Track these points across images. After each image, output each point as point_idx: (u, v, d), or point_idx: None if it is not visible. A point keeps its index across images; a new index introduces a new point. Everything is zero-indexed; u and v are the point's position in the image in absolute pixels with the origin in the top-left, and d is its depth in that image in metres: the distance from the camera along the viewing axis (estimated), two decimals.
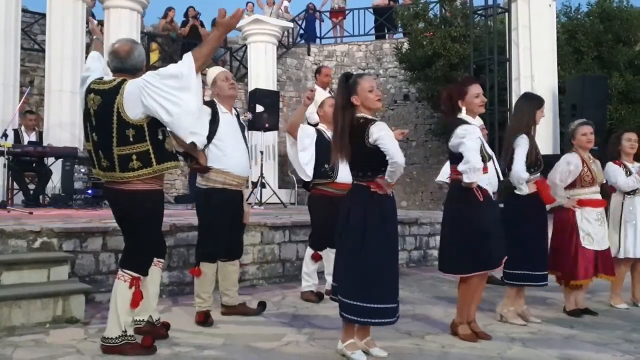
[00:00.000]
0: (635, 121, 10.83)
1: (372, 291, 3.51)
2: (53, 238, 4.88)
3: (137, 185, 3.56)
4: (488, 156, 4.13)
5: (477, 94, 4.19)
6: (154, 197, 3.66)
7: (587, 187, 4.99)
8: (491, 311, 4.94)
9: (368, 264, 3.52)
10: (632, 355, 3.80)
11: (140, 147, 3.51)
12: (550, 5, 10.07)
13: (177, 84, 3.42)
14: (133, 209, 3.62)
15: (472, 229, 4.03)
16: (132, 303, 3.61)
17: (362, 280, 3.52)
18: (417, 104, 15.19)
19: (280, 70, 14.54)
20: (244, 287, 5.82)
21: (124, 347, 3.59)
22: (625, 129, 5.80)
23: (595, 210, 5.00)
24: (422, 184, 14.96)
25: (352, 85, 3.64)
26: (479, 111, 4.25)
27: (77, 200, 8.28)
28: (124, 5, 10.85)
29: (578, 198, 4.99)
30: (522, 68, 9.84)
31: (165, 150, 3.61)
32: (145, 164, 3.52)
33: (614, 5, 11.80)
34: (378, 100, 3.67)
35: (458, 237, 4.11)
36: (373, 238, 3.54)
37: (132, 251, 3.70)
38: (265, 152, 11.05)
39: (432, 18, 13.74)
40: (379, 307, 3.52)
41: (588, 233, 4.93)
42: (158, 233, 3.82)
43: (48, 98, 9.89)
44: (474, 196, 4.02)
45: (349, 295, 3.55)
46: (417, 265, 7.88)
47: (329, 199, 5.06)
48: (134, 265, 3.64)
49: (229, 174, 4.45)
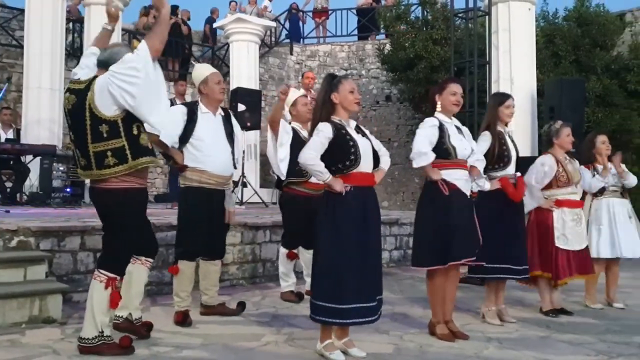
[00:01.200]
0: (611, 124, 10.97)
1: (329, 291, 3.53)
2: (30, 237, 4.83)
3: (115, 184, 3.54)
4: (453, 149, 4.13)
5: (453, 92, 4.23)
6: (133, 195, 3.63)
7: (563, 188, 5.06)
8: (469, 311, 5.00)
9: (324, 263, 3.57)
10: (606, 355, 3.87)
11: (115, 143, 3.50)
12: (529, 9, 10.16)
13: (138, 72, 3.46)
14: (111, 208, 3.61)
15: (433, 222, 4.10)
16: (111, 304, 3.59)
17: (320, 280, 3.59)
18: (399, 104, 15.25)
19: (262, 69, 14.52)
20: (224, 287, 5.80)
21: (101, 347, 3.56)
22: (598, 132, 5.90)
23: (572, 211, 5.07)
24: (403, 184, 15.03)
25: (335, 84, 3.71)
26: (452, 109, 4.26)
27: (56, 198, 8.20)
28: (105, 3, 10.76)
29: (555, 198, 5.06)
30: (501, 71, 9.91)
31: (140, 145, 3.59)
32: (120, 160, 3.51)
33: (590, 10, 11.97)
34: (356, 103, 3.73)
35: (423, 230, 4.20)
36: (326, 238, 3.58)
37: (108, 251, 3.68)
38: (247, 151, 11.03)
39: (414, 20, 13.80)
40: (335, 307, 3.52)
41: (563, 233, 5.00)
42: (137, 233, 3.75)
43: (26, 95, 9.77)
44: (438, 190, 4.07)
45: (313, 294, 3.64)
46: (398, 265, 7.93)
47: (302, 198, 5.08)
48: (110, 266, 3.61)
49: (206, 172, 4.47)
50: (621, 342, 4.18)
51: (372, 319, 3.65)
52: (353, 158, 3.58)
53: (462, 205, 4.12)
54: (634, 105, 11.35)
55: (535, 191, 5.03)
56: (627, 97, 11.35)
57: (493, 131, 4.69)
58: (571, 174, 5.07)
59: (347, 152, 3.59)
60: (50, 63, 9.74)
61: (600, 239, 5.44)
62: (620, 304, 5.47)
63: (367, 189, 3.70)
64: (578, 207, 5.15)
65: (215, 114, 4.64)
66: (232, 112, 9.61)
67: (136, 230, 3.74)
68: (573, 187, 5.12)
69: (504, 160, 4.67)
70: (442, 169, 4.10)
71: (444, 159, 4.12)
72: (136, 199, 3.68)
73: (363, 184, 3.65)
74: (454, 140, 4.15)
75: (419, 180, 13.82)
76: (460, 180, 4.14)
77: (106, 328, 3.63)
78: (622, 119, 11.11)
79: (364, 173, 3.65)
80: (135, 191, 3.64)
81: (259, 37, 13.29)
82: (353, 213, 3.58)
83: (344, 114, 3.71)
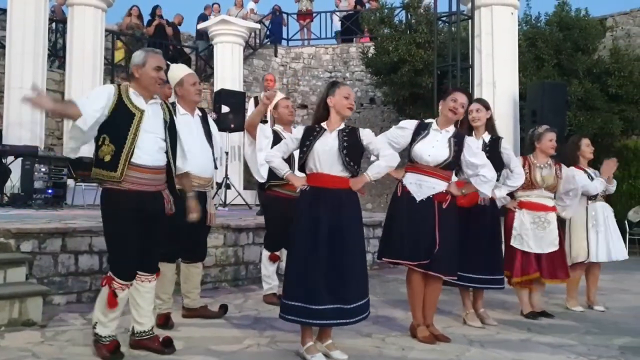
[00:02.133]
0: (593, 127, 11.09)
1: (294, 290, 3.65)
2: (10, 239, 4.79)
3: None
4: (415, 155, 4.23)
5: (454, 99, 4.27)
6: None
7: (527, 190, 5.09)
8: (451, 314, 5.03)
9: (290, 262, 3.77)
10: (586, 357, 3.91)
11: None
12: (512, 13, 10.24)
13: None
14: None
15: (386, 217, 4.35)
16: (107, 304, 3.58)
17: (287, 278, 3.76)
18: (383, 107, 15.29)
19: (246, 71, 14.49)
20: (206, 289, 5.78)
21: (95, 344, 3.64)
22: (582, 135, 5.95)
23: (533, 214, 5.09)
24: (387, 187, 15.05)
25: (332, 88, 3.88)
26: (448, 115, 4.27)
27: (37, 200, 8.13)
28: (89, 3, 10.71)
29: (519, 200, 5.13)
30: (484, 74, 9.98)
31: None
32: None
33: (571, 15, 12.08)
34: (349, 108, 3.84)
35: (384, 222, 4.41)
36: (293, 236, 3.77)
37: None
38: (231, 152, 11.00)
39: (398, 24, 13.85)
40: (303, 307, 3.59)
41: (519, 233, 5.06)
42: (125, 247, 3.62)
43: (8, 95, 9.69)
44: (396, 189, 4.27)
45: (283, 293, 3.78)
46: (380, 267, 7.93)
47: (284, 200, 5.07)
48: (110, 265, 3.69)
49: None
50: (601, 345, 4.23)
51: (347, 322, 3.69)
52: (307, 160, 3.81)
53: (412, 209, 4.14)
54: (615, 109, 11.47)
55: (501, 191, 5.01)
56: (608, 101, 11.47)
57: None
58: (536, 179, 5.07)
59: (303, 154, 3.82)
60: (33, 63, 9.68)
61: (598, 242, 5.46)
62: (601, 307, 5.53)
63: (326, 190, 3.72)
64: (541, 211, 5.10)
65: (193, 115, 4.62)
66: (216, 113, 9.71)
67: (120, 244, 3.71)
68: (541, 190, 5.11)
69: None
70: (407, 171, 4.25)
71: (410, 162, 4.27)
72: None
73: (319, 185, 3.74)
74: (421, 145, 4.19)
75: None
76: (413, 185, 4.17)
77: (101, 327, 3.61)
78: (604, 123, 11.22)
79: (323, 174, 3.73)
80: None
81: (244, 38, 13.28)
82: (307, 212, 3.72)
83: (336, 118, 3.84)
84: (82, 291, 5.18)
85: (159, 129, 3.68)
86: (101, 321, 3.62)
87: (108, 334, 3.62)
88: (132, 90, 3.65)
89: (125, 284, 3.60)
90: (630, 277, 7.53)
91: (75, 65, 10.70)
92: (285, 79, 15.86)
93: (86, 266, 5.20)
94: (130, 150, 3.53)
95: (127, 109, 3.58)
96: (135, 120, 3.57)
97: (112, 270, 3.63)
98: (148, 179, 3.60)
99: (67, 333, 4.16)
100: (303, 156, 3.81)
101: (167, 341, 3.81)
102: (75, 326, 4.37)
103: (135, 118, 3.57)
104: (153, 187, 3.64)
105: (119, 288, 3.57)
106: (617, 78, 11.33)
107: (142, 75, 3.63)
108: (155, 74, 3.65)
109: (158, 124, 3.69)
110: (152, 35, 14.05)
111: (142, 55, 3.70)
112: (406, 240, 4.10)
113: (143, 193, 3.58)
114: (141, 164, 3.56)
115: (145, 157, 3.57)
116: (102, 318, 3.62)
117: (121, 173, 3.51)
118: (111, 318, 3.63)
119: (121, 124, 3.55)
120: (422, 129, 4.25)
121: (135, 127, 3.55)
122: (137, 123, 3.57)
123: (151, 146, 3.61)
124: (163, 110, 3.77)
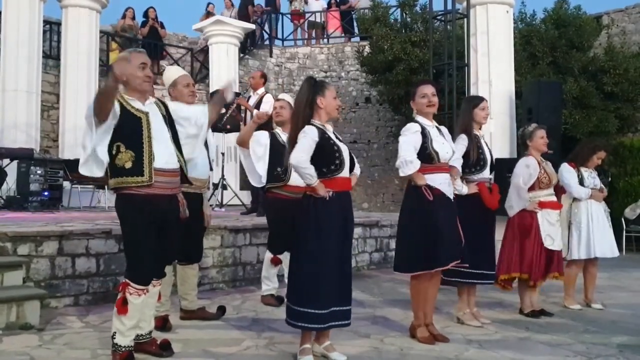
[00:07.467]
0: (588, 126, 11.11)
1: (308, 296, 3.57)
2: (7, 242, 4.77)
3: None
4: (436, 154, 4.11)
5: (422, 95, 4.19)
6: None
7: (545, 189, 5.10)
8: (449, 314, 5.03)
9: (303, 269, 3.61)
10: (585, 356, 3.91)
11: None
12: (507, 11, 10.25)
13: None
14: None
15: (420, 228, 4.05)
16: (117, 310, 3.53)
17: (298, 284, 3.65)
18: (378, 106, 15.30)
19: (242, 71, 14.46)
20: (204, 290, 5.77)
21: (113, 353, 3.57)
22: (604, 146, 5.86)
23: (554, 212, 5.12)
24: (383, 186, 15.06)
25: (321, 88, 3.70)
26: (427, 111, 4.22)
27: (33, 202, 8.10)
28: (83, 5, 10.68)
29: (538, 200, 5.09)
30: (480, 73, 9.98)
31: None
32: None
33: (568, 12, 12.06)
34: (337, 109, 3.77)
35: (407, 235, 4.16)
36: (308, 243, 3.58)
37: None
38: (227, 153, 10.97)
39: (393, 23, 13.85)
40: (314, 313, 3.55)
41: (549, 234, 5.05)
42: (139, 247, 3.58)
43: (3, 98, 9.64)
44: (423, 195, 4.05)
45: (290, 299, 3.68)
46: (378, 267, 7.94)
47: (283, 202, 5.05)
48: (127, 270, 3.62)
49: None
50: (599, 343, 4.24)
51: (347, 323, 3.71)
52: (338, 163, 3.61)
53: (446, 209, 4.11)
54: (610, 107, 11.48)
55: (523, 193, 5.03)
56: (603, 99, 11.48)
57: (470, 134, 4.72)
58: (551, 175, 5.13)
59: (332, 156, 3.61)
60: (27, 65, 9.65)
61: (580, 240, 5.48)
62: (599, 305, 5.53)
63: (346, 194, 3.71)
64: (558, 209, 5.20)
65: None
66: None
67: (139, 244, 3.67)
68: (552, 188, 5.18)
69: (480, 164, 4.71)
70: (425, 173, 4.08)
71: (427, 164, 4.09)
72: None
73: (343, 189, 3.67)
74: (436, 145, 4.12)
75: (399, 182, 13.87)
76: (443, 184, 4.14)
77: (119, 336, 3.54)
78: (599, 121, 11.24)
79: (344, 178, 3.67)
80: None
81: (238, 39, 13.25)
82: (335, 219, 3.59)
83: (324, 119, 3.72)
84: (80, 294, 5.15)
85: (165, 131, 3.65)
86: (120, 330, 3.54)
87: (127, 344, 3.55)
88: (127, 96, 3.60)
89: (141, 289, 3.53)
90: (627, 275, 7.55)
91: (70, 67, 10.66)
92: (280, 79, 15.84)
93: (83, 269, 5.18)
94: (151, 152, 3.50)
95: (132, 113, 3.54)
96: (143, 123, 3.54)
97: (128, 275, 3.56)
98: (165, 183, 3.57)
99: (64, 336, 4.14)
100: (333, 160, 3.61)
101: (165, 344, 3.79)
102: (73, 329, 4.35)
103: (142, 121, 3.54)
104: (169, 190, 3.62)
105: (134, 294, 3.51)
106: (612, 76, 11.31)
107: (129, 77, 3.56)
108: (141, 73, 3.60)
109: (162, 126, 3.65)
110: (146, 36, 14.02)
111: (125, 56, 3.67)
112: (451, 243, 4.06)
113: (160, 196, 3.55)
114: (158, 167, 3.53)
115: (160, 161, 3.54)
116: (120, 327, 3.53)
117: (150, 177, 3.47)
118: (129, 327, 3.55)
119: (132, 130, 3.51)
120: (424, 129, 4.17)
121: (147, 130, 3.53)
122: (147, 125, 3.55)
123: (163, 150, 3.58)
124: (158, 106, 3.74)
